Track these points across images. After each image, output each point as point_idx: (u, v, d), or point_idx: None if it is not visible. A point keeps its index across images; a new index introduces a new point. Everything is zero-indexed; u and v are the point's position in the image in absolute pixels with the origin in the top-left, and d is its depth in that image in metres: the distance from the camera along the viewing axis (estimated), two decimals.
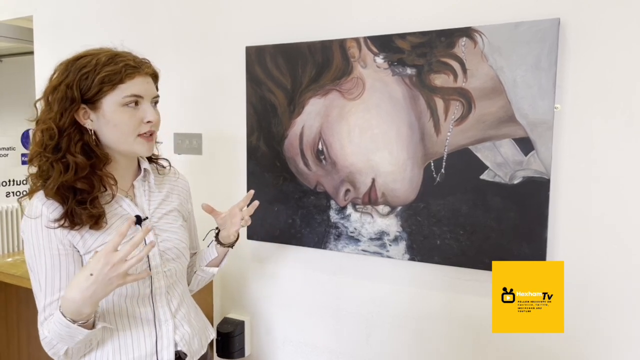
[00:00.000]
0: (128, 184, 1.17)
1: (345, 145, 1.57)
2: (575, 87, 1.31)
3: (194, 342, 1.21)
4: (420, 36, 1.44)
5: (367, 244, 1.57)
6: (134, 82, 1.06)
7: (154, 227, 1.15)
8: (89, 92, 1.03)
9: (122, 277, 0.95)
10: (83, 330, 0.97)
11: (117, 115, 1.05)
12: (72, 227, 1.02)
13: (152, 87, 1.12)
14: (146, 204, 1.17)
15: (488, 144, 1.39)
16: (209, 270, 1.35)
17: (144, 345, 1.11)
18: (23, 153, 2.48)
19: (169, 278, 1.16)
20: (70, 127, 1.04)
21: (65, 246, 1.04)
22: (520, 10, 1.34)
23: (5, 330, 2.36)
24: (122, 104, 1.05)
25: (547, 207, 1.33)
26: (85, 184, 1.04)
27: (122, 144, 1.08)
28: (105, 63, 1.04)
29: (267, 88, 1.68)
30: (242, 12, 1.76)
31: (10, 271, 2.05)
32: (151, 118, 1.09)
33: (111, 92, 1.04)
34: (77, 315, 0.96)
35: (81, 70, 1.04)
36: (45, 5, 2.25)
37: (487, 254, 1.41)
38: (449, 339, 1.53)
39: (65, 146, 1.04)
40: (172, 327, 1.15)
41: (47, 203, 1.03)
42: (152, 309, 1.13)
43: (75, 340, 0.99)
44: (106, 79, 1.03)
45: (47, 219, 1.02)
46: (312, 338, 1.76)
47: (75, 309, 0.95)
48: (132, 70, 1.06)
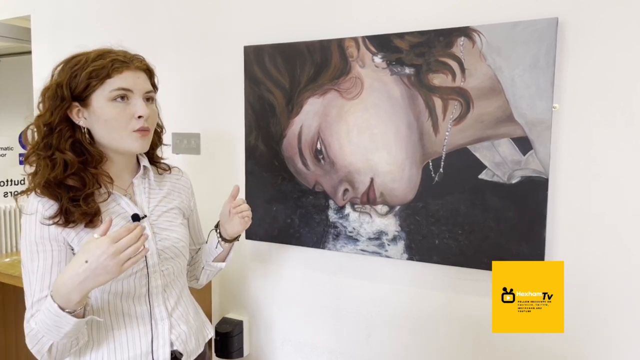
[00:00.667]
0: (127, 182, 1.16)
1: (344, 145, 1.57)
2: (573, 86, 1.31)
3: (191, 341, 1.20)
4: (418, 36, 1.44)
5: (366, 244, 1.57)
6: (122, 76, 1.05)
7: (152, 225, 1.15)
8: (77, 89, 1.04)
9: (118, 265, 0.92)
10: (71, 319, 0.95)
11: (107, 110, 1.04)
12: (66, 224, 1.02)
13: (143, 82, 1.10)
14: (146, 202, 1.16)
15: (486, 143, 1.39)
16: (216, 265, 1.36)
17: (139, 345, 1.11)
18: (21, 153, 2.48)
19: (166, 277, 1.16)
20: (60, 125, 1.04)
21: (59, 243, 1.03)
22: (519, 10, 1.34)
23: (3, 330, 2.36)
24: (110, 99, 1.04)
25: (545, 206, 1.33)
26: (76, 181, 1.03)
27: (114, 141, 1.07)
28: (94, 59, 1.04)
29: (266, 88, 1.68)
30: (241, 12, 1.76)
31: (8, 271, 2.05)
32: (142, 113, 1.06)
33: (100, 87, 1.04)
34: (65, 302, 0.94)
35: (72, 69, 1.05)
36: (44, 4, 2.24)
37: (486, 254, 1.40)
38: (448, 339, 1.53)
39: (56, 143, 1.04)
40: (168, 327, 1.15)
41: (42, 200, 1.03)
42: (148, 308, 1.12)
43: (61, 333, 0.96)
44: (93, 74, 1.03)
45: (42, 216, 1.02)
46: (312, 338, 1.76)
47: (64, 293, 0.93)
48: (120, 64, 1.05)
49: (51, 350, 0.99)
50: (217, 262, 1.35)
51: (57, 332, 0.96)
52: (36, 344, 0.99)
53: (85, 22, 2.12)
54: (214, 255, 1.34)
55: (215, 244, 1.32)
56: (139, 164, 1.19)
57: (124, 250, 0.92)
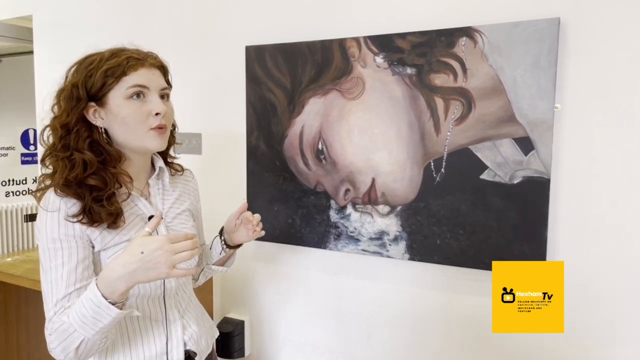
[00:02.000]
0: (143, 182, 1.16)
1: (345, 145, 1.57)
2: (575, 86, 1.31)
3: (202, 341, 1.21)
4: (420, 36, 1.44)
5: (367, 244, 1.57)
6: (138, 73, 1.04)
7: (167, 227, 1.15)
8: (93, 88, 1.03)
9: (170, 266, 0.91)
10: (112, 310, 0.92)
11: (124, 108, 1.04)
12: (91, 224, 1.02)
13: (158, 79, 1.09)
14: (160, 203, 1.17)
15: (488, 143, 1.39)
16: (217, 269, 1.35)
17: (154, 346, 1.11)
18: (22, 153, 2.48)
19: (180, 279, 1.16)
20: (77, 125, 1.04)
21: (84, 240, 1.03)
22: (520, 10, 1.34)
23: (5, 330, 2.36)
24: (127, 96, 1.04)
25: (547, 206, 1.33)
26: (98, 180, 1.03)
27: (132, 140, 1.07)
28: (108, 58, 1.04)
29: (267, 88, 1.68)
30: (242, 11, 1.76)
31: (10, 271, 2.06)
32: (159, 110, 1.06)
33: (115, 86, 1.03)
34: (110, 291, 0.92)
35: (87, 68, 1.04)
36: (45, 5, 2.24)
37: (487, 254, 1.40)
38: (449, 339, 1.53)
39: (74, 144, 1.04)
40: (180, 327, 1.15)
41: (64, 199, 1.02)
42: (162, 310, 1.13)
43: (97, 326, 0.93)
44: (109, 72, 1.03)
45: (65, 214, 1.01)
46: (313, 338, 1.76)
47: (113, 279, 0.91)
48: (135, 62, 1.04)
49: (79, 349, 0.95)
50: (217, 265, 1.35)
51: (93, 325, 0.93)
52: (64, 340, 0.95)
53: (87, 23, 2.13)
54: (215, 259, 1.34)
55: (220, 250, 1.32)
56: (153, 164, 1.19)
57: (179, 252, 0.92)
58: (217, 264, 1.35)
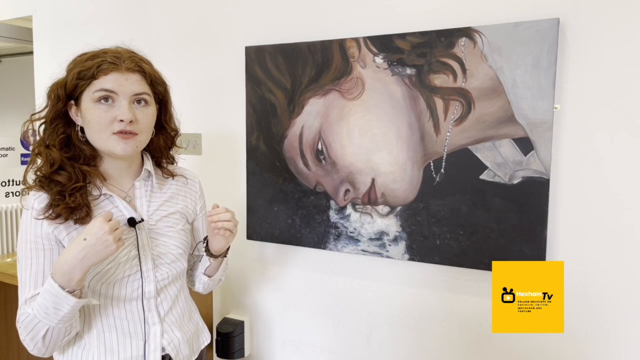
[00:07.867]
0: (128, 184, 1.15)
1: (345, 146, 1.57)
2: (574, 87, 1.31)
3: (184, 347, 1.19)
4: (419, 36, 1.44)
5: (367, 244, 1.57)
6: (108, 77, 1.04)
7: (149, 230, 1.14)
8: (69, 88, 1.05)
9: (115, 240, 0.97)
10: (70, 299, 0.97)
11: (91, 111, 1.04)
12: (53, 218, 1.03)
13: (133, 84, 1.06)
14: (145, 206, 1.16)
15: (488, 144, 1.39)
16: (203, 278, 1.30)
17: (129, 348, 1.11)
18: (22, 153, 2.48)
19: (160, 282, 1.15)
20: (55, 122, 1.07)
21: (51, 241, 1.05)
22: (520, 11, 1.34)
23: (5, 330, 2.36)
24: (94, 100, 1.04)
25: (546, 207, 1.33)
26: (63, 176, 1.05)
27: (97, 142, 1.07)
28: (87, 59, 1.05)
29: (267, 88, 1.68)
30: (242, 12, 1.76)
31: (10, 271, 2.06)
32: (123, 116, 1.03)
33: (87, 88, 1.04)
34: (66, 281, 0.97)
35: (68, 68, 1.07)
36: (45, 5, 2.25)
37: (487, 254, 1.41)
38: (448, 339, 1.53)
39: (49, 140, 1.07)
40: (159, 331, 1.14)
41: (36, 195, 1.06)
42: (141, 312, 1.12)
43: (59, 315, 0.98)
44: (81, 75, 1.04)
45: (36, 212, 1.04)
46: (312, 338, 1.76)
47: (66, 271, 0.96)
48: (108, 65, 1.03)
49: (45, 337, 1.01)
50: (207, 275, 1.30)
51: (54, 315, 0.98)
52: (31, 330, 1.01)
53: (87, 23, 2.13)
54: (205, 267, 1.29)
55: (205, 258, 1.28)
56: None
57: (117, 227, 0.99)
58: (207, 274, 1.30)
